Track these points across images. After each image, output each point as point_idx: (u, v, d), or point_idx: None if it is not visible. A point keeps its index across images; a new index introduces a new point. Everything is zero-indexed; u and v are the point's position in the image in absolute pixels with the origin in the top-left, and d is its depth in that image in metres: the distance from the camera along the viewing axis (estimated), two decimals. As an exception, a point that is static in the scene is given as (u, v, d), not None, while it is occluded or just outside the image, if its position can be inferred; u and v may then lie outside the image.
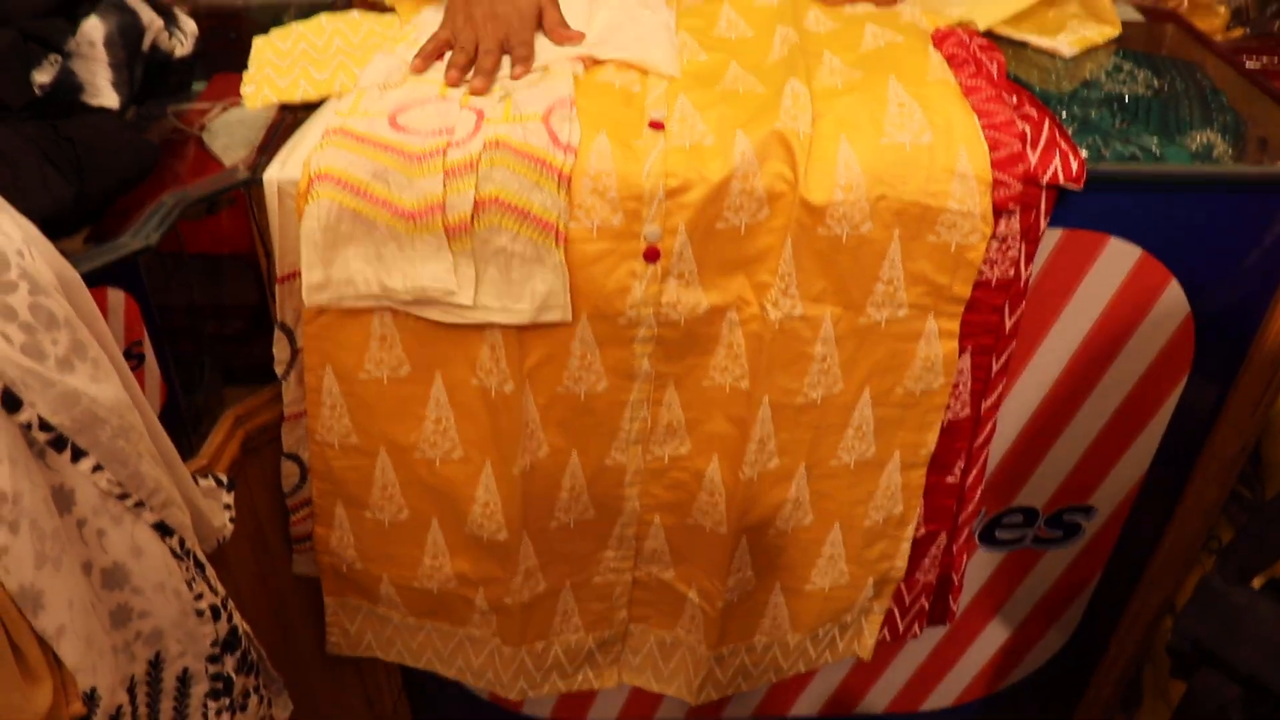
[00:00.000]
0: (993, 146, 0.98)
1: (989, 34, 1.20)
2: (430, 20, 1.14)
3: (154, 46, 1.04)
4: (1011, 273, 1.04)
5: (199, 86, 1.16)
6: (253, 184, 1.00)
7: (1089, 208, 1.04)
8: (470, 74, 1.05)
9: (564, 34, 1.08)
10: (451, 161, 0.94)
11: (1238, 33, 1.74)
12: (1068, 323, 1.12)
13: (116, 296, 0.94)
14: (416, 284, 0.97)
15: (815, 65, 1.07)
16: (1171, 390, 1.18)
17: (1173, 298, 1.11)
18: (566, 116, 0.97)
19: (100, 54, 1.00)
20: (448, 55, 1.08)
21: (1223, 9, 1.71)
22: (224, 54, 1.19)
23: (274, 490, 1.17)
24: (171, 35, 1.06)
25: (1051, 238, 1.05)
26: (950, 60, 1.08)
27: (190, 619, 0.89)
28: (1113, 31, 1.21)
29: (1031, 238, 1.02)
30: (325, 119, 1.01)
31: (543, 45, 1.08)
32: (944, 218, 0.98)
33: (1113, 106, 1.12)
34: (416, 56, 1.07)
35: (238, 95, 1.10)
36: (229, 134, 1.08)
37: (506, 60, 1.06)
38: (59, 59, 0.99)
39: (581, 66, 1.05)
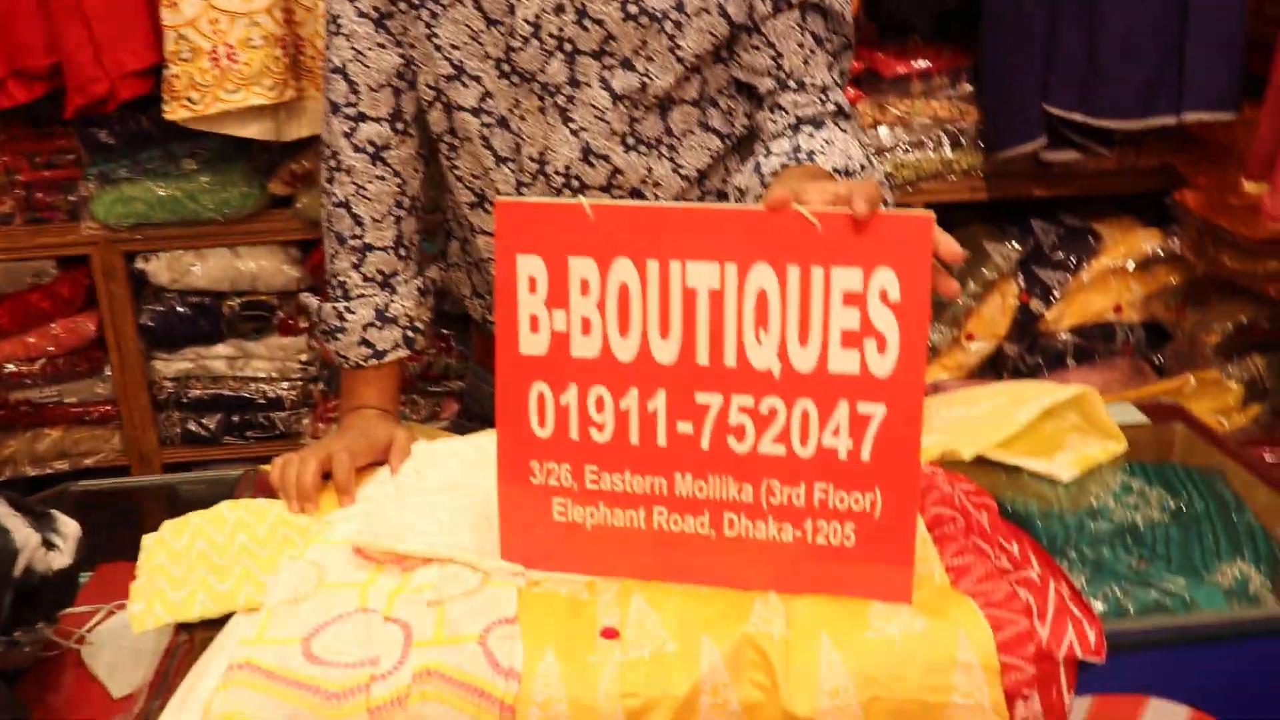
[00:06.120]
0: (996, 626, 0.94)
1: (979, 459, 1.20)
2: (341, 518, 1.13)
3: (28, 568, 1.01)
4: (1035, 759, 0.98)
5: (83, 577, 1.12)
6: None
7: (1120, 670, 0.98)
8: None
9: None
10: (376, 699, 0.90)
11: (1255, 410, 1.77)
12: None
13: None
14: None
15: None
16: None
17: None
18: (507, 635, 0.94)
19: (-38, 591, 0.96)
20: None
21: (1234, 384, 1.74)
22: (111, 536, 1.15)
23: None
24: (50, 548, 1.03)
25: (1081, 707, 0.99)
26: (935, 524, 1.06)
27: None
28: (1119, 449, 1.21)
29: (1056, 715, 0.97)
30: (228, 649, 0.96)
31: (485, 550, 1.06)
32: (948, 713, 0.93)
33: (1126, 541, 1.09)
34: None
35: (125, 594, 1.06)
36: (115, 648, 1.04)
37: (439, 570, 1.04)
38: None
39: (524, 579, 1.03)
